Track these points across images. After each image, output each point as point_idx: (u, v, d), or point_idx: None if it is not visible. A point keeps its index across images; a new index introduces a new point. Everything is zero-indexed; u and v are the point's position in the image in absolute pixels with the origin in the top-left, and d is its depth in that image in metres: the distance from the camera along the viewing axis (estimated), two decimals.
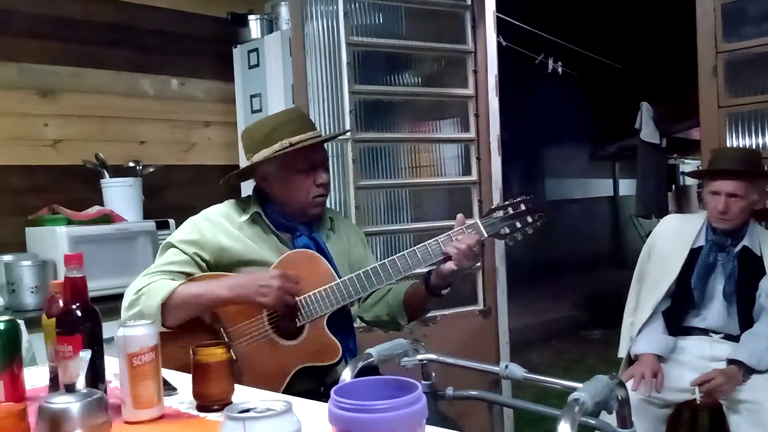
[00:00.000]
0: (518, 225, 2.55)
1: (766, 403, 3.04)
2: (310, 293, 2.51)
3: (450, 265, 2.48)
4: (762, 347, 3.16)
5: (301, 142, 2.60)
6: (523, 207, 2.56)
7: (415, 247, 2.54)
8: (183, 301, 2.41)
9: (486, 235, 2.55)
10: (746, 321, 3.31)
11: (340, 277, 2.59)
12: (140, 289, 2.45)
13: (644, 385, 3.24)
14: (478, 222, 2.56)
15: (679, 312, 3.49)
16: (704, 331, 3.44)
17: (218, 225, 2.60)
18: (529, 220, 2.56)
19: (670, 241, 3.57)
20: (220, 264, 2.58)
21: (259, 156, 2.62)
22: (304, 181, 2.62)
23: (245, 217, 2.63)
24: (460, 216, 2.58)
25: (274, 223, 2.66)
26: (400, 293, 2.75)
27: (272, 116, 2.86)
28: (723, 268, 3.38)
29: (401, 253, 2.55)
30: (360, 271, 2.55)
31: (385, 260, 2.55)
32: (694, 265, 3.42)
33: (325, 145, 2.79)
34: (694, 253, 3.44)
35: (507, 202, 2.59)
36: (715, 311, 3.41)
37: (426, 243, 2.54)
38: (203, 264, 2.57)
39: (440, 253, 2.52)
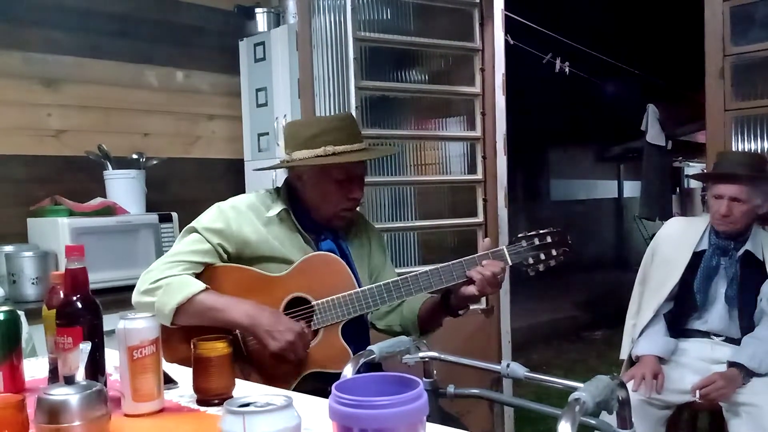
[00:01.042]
0: (542, 257, 2.57)
1: (766, 406, 3.04)
2: (328, 298, 2.49)
3: (472, 290, 2.48)
4: (763, 350, 3.16)
5: (344, 153, 2.55)
6: (549, 239, 2.58)
7: (438, 266, 2.53)
8: (199, 311, 2.38)
9: (510, 263, 2.56)
10: (747, 324, 3.31)
11: (359, 282, 2.58)
12: (159, 280, 2.42)
13: (645, 386, 3.24)
14: (504, 249, 2.56)
15: (680, 314, 3.49)
16: (705, 334, 3.44)
17: (245, 217, 2.56)
18: (554, 253, 2.58)
19: (674, 244, 3.57)
20: (242, 257, 2.55)
21: (299, 155, 2.57)
22: (336, 191, 2.58)
23: (273, 213, 2.59)
24: (487, 240, 2.59)
25: (300, 222, 2.63)
26: (414, 307, 2.73)
27: (323, 118, 2.85)
28: (725, 272, 3.38)
29: (424, 270, 2.54)
30: (381, 283, 2.53)
31: (407, 275, 2.53)
32: (697, 269, 3.42)
33: None
34: (697, 257, 3.44)
35: (533, 232, 2.59)
36: (717, 314, 3.41)
37: (450, 263, 2.53)
38: (225, 255, 2.53)
39: (464, 275, 2.51)
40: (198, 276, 2.47)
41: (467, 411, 3.93)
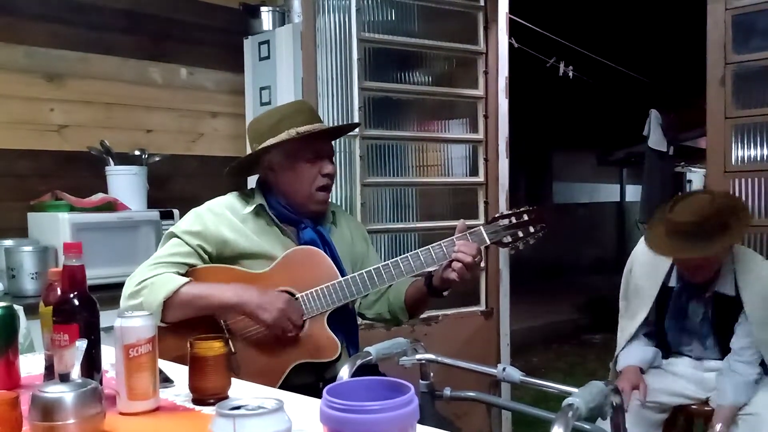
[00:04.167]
0: (520, 234, 2.59)
1: (763, 413, 3.04)
2: (313, 290, 2.52)
3: (452, 275, 2.50)
4: (742, 382, 3.12)
5: (309, 131, 2.60)
6: (525, 217, 2.60)
7: (418, 251, 2.55)
8: (186, 301, 2.41)
9: (488, 242, 2.58)
10: (727, 348, 3.27)
11: (343, 270, 2.62)
12: (143, 281, 2.45)
13: (625, 397, 3.21)
14: (482, 229, 2.58)
15: (662, 341, 3.48)
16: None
17: (222, 217, 2.60)
18: (531, 230, 2.60)
19: (645, 271, 3.49)
20: (223, 256, 2.58)
21: (265, 144, 2.62)
22: (309, 170, 2.62)
23: (249, 209, 2.63)
24: (461, 222, 2.59)
25: (278, 216, 2.65)
26: (400, 292, 2.77)
27: (279, 107, 2.87)
28: (695, 312, 3.33)
29: (404, 256, 2.56)
30: (363, 271, 2.56)
31: (388, 261, 2.56)
32: (669, 301, 3.39)
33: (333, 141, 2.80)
34: (667, 290, 3.40)
35: (510, 211, 2.62)
36: (696, 345, 3.40)
37: (430, 247, 2.55)
38: (206, 256, 2.57)
39: (444, 257, 2.53)
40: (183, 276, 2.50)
41: (464, 413, 3.93)
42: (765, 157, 3.78)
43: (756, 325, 3.16)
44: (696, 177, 17.22)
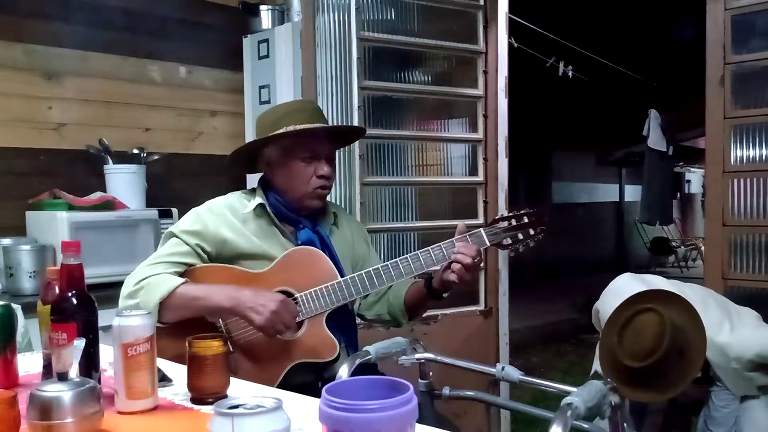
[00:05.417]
0: (520, 237, 2.60)
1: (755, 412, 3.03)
2: (311, 290, 2.52)
3: (452, 276, 2.50)
4: None
5: (305, 129, 2.59)
6: (525, 220, 2.60)
7: (418, 252, 2.55)
8: (181, 303, 2.41)
9: (488, 244, 2.58)
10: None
11: (342, 272, 2.62)
12: (140, 281, 2.45)
13: None
14: (482, 231, 2.58)
15: None
16: None
17: (221, 217, 2.59)
18: (531, 233, 2.60)
19: None
20: (221, 256, 2.58)
21: (263, 137, 2.63)
22: (304, 170, 2.61)
23: (249, 209, 2.62)
24: (461, 224, 2.58)
25: (277, 215, 2.65)
26: (400, 293, 2.77)
27: (285, 103, 2.88)
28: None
29: (404, 257, 2.56)
30: (362, 272, 2.55)
31: (388, 263, 2.56)
32: None
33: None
34: None
35: (510, 214, 2.62)
36: None
37: (429, 248, 2.55)
38: (205, 255, 2.57)
39: (444, 259, 2.53)
40: (181, 276, 2.50)
41: (464, 412, 3.94)
42: (764, 157, 3.79)
43: (736, 393, 3.08)
44: (695, 177, 17.27)
